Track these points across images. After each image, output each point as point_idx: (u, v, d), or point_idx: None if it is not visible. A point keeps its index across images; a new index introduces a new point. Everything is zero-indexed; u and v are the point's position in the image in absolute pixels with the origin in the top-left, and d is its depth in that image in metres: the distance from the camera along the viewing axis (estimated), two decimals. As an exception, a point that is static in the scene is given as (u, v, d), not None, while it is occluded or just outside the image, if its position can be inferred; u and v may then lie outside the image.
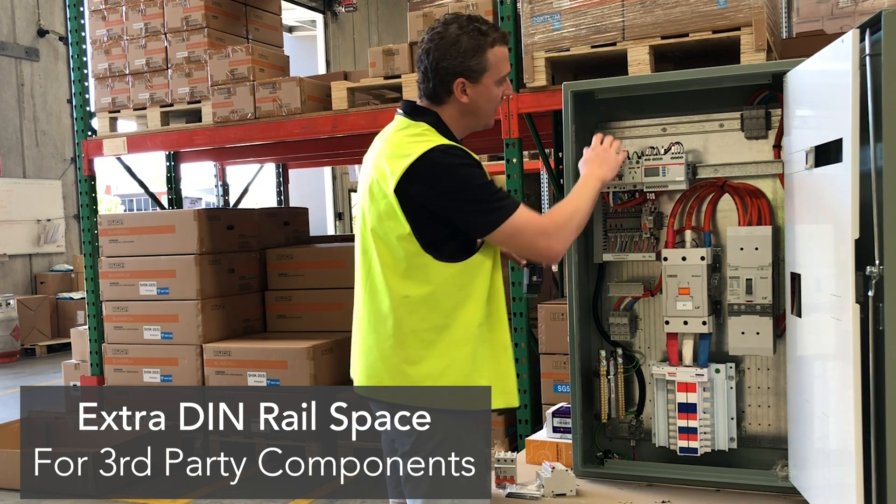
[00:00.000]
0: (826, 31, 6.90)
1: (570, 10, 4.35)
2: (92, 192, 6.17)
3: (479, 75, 2.24)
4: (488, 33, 2.25)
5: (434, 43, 2.24)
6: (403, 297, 2.20)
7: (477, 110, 2.29)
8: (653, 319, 2.76)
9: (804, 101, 2.31)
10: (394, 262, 2.20)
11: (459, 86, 2.24)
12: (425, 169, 2.14)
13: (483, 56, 2.23)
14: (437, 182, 2.14)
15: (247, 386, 5.49)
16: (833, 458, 2.10)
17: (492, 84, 2.26)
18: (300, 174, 11.58)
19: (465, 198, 2.14)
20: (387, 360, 2.24)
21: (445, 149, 2.17)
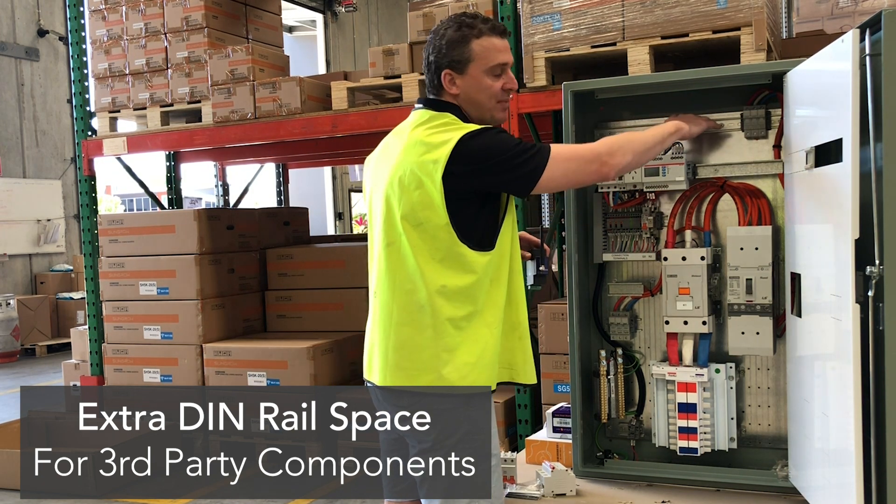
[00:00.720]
0: (826, 31, 6.90)
1: (570, 10, 4.35)
2: (92, 192, 6.17)
3: (465, 66, 2.26)
4: (474, 25, 2.27)
5: (431, 40, 2.31)
6: (441, 286, 2.20)
7: (473, 102, 2.29)
8: (653, 319, 2.76)
9: (804, 101, 2.31)
10: (430, 253, 2.21)
11: (447, 78, 2.28)
12: (465, 150, 2.16)
13: (466, 46, 2.26)
14: (478, 157, 2.16)
15: (247, 386, 5.49)
16: (833, 458, 2.10)
17: (480, 74, 2.26)
18: (300, 174, 11.58)
19: (506, 160, 2.16)
20: (426, 349, 2.23)
21: (477, 130, 2.21)
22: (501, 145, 2.18)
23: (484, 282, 2.22)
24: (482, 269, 2.21)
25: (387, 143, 2.38)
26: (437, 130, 2.23)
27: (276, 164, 8.36)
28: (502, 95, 2.31)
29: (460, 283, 2.20)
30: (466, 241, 2.19)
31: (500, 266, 2.25)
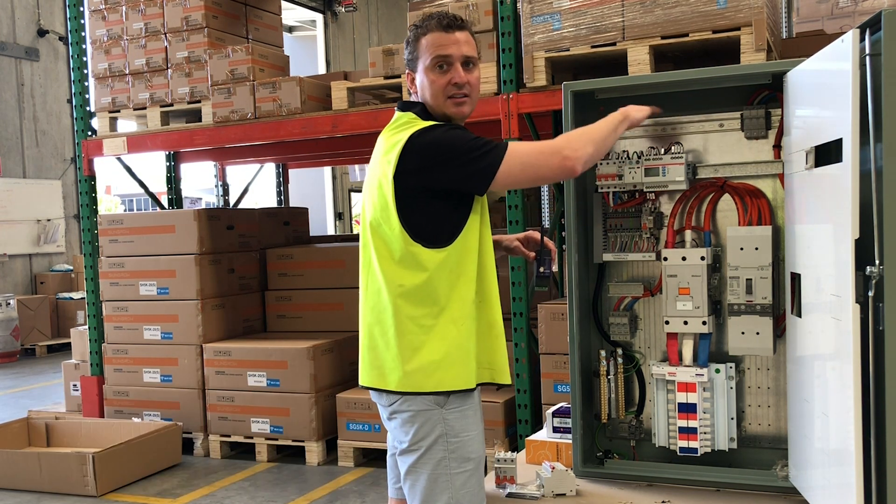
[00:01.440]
0: (826, 31, 6.90)
1: (570, 10, 4.35)
2: (92, 192, 6.17)
3: (415, 64, 2.33)
4: (425, 24, 2.31)
5: None
6: (399, 285, 2.23)
7: (425, 98, 2.33)
8: (653, 319, 2.76)
9: (804, 101, 2.31)
10: (388, 254, 2.25)
11: (409, 77, 2.37)
12: (416, 147, 2.19)
13: (416, 45, 2.32)
14: (430, 155, 2.18)
15: (247, 386, 5.49)
16: (833, 458, 2.10)
17: (426, 70, 2.29)
18: (300, 174, 11.58)
19: (457, 156, 2.16)
20: (390, 349, 2.25)
21: (427, 128, 2.23)
22: (453, 141, 2.19)
23: (440, 278, 2.22)
24: (436, 266, 2.21)
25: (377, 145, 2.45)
26: (395, 130, 2.29)
27: (276, 164, 8.35)
28: (451, 90, 2.28)
29: (415, 282, 2.22)
30: (418, 239, 2.21)
31: (461, 262, 2.24)
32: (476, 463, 2.26)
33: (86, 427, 5.61)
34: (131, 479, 5.08)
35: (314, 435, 5.33)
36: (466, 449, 2.24)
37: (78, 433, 5.59)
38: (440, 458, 2.21)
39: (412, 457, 2.25)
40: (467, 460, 2.23)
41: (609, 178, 2.66)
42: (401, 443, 2.28)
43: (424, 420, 2.22)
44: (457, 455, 2.22)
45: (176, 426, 5.45)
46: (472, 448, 2.25)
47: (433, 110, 2.32)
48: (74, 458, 4.87)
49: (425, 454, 2.23)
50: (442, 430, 2.21)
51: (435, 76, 2.28)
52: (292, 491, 4.84)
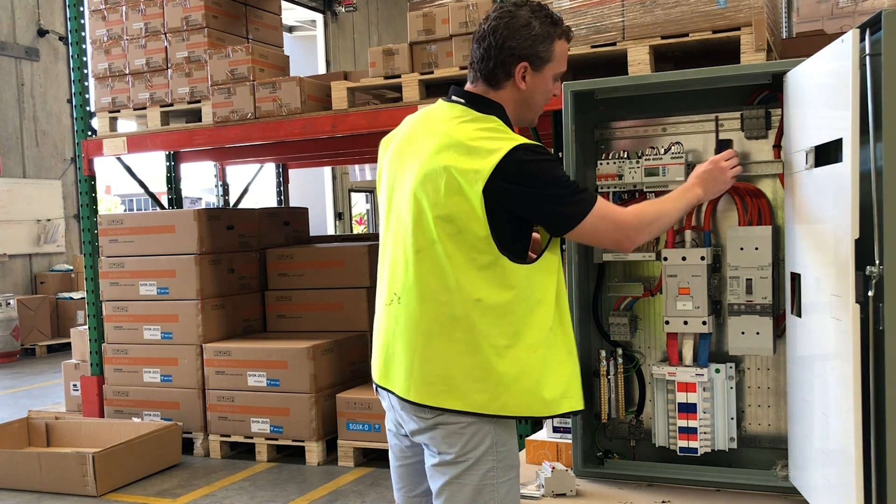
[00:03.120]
0: (826, 31, 6.90)
1: (570, 10, 4.35)
2: (92, 192, 6.17)
3: (543, 64, 2.15)
4: (559, 24, 2.17)
5: (503, 21, 2.12)
6: (476, 300, 2.06)
7: (530, 101, 2.19)
8: (653, 319, 2.76)
9: (804, 101, 2.31)
10: (468, 263, 2.07)
11: (521, 70, 2.13)
12: (513, 168, 2.02)
13: (551, 45, 2.14)
14: (525, 181, 2.02)
15: (247, 386, 5.49)
16: (833, 458, 2.10)
17: (550, 77, 2.17)
18: (300, 174, 11.58)
19: (551, 195, 2.04)
20: (455, 366, 2.09)
21: (529, 147, 2.06)
22: (555, 176, 2.06)
23: (524, 299, 2.08)
24: (522, 284, 2.08)
25: (415, 131, 2.22)
26: (483, 136, 2.08)
27: (276, 164, 8.35)
28: (550, 101, 2.26)
29: (498, 299, 2.07)
30: (507, 252, 2.06)
31: (544, 284, 2.12)
32: (517, 470, 2.17)
33: (86, 427, 5.61)
34: (131, 479, 5.08)
35: (314, 435, 5.32)
36: (512, 457, 2.15)
37: (78, 433, 5.59)
38: (489, 469, 2.10)
39: (457, 468, 2.10)
40: (512, 468, 2.14)
41: (609, 178, 2.66)
42: (442, 454, 2.12)
43: (475, 431, 2.09)
44: (504, 464, 2.12)
45: (176, 426, 5.45)
46: (515, 456, 2.17)
47: (521, 112, 2.20)
48: (74, 458, 4.87)
49: (474, 465, 2.09)
50: (492, 441, 2.10)
51: (553, 86, 2.21)
52: (292, 491, 4.84)
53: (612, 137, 2.77)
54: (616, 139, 2.77)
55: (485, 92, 2.17)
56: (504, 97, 2.16)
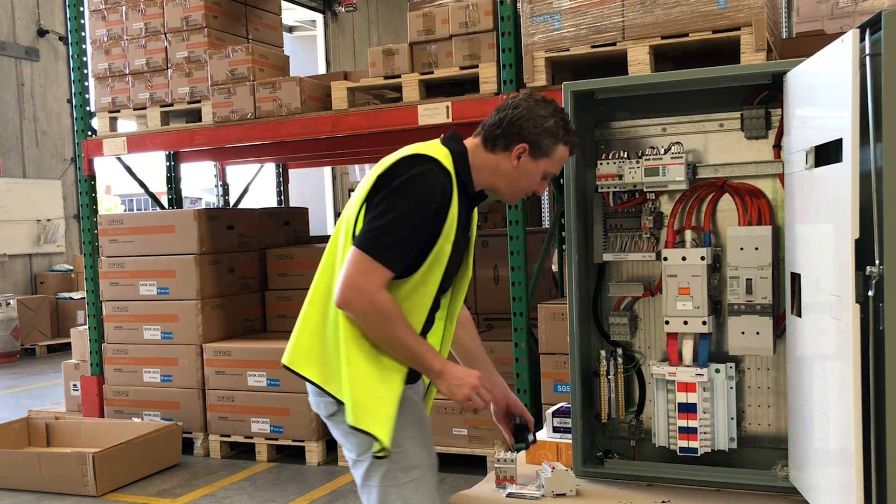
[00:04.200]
0: (826, 31, 6.90)
1: (570, 10, 4.35)
2: (92, 192, 6.17)
3: (541, 156, 2.29)
4: (571, 132, 2.32)
5: (528, 104, 2.29)
6: None
7: (513, 181, 2.32)
8: (653, 319, 2.76)
9: (804, 101, 2.31)
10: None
11: (519, 150, 2.28)
12: (401, 166, 2.18)
13: (555, 144, 2.29)
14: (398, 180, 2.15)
15: (247, 386, 5.49)
16: (833, 458, 2.10)
17: (541, 170, 2.31)
18: (300, 174, 11.57)
19: (384, 210, 2.13)
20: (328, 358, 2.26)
21: (431, 163, 2.19)
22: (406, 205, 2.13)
23: None
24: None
25: None
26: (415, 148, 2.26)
27: (276, 164, 8.35)
28: (529, 191, 2.37)
29: None
30: None
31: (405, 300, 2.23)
32: (422, 470, 2.27)
33: (86, 427, 5.61)
34: (131, 479, 5.08)
35: (314, 435, 5.32)
36: (410, 458, 2.25)
37: (78, 433, 5.59)
38: (386, 470, 2.23)
39: (361, 469, 2.28)
40: (413, 468, 2.25)
41: (609, 178, 2.66)
42: (349, 452, 2.31)
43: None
44: (402, 465, 2.23)
45: (176, 426, 5.45)
46: (416, 455, 2.26)
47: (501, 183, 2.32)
48: (74, 458, 4.87)
49: (372, 467, 2.24)
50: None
51: (538, 180, 2.33)
52: (292, 491, 4.84)
53: (612, 137, 2.77)
54: (616, 139, 2.77)
55: (475, 145, 2.32)
56: (489, 160, 2.30)
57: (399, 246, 2.15)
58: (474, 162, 2.30)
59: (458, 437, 5.01)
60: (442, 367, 2.23)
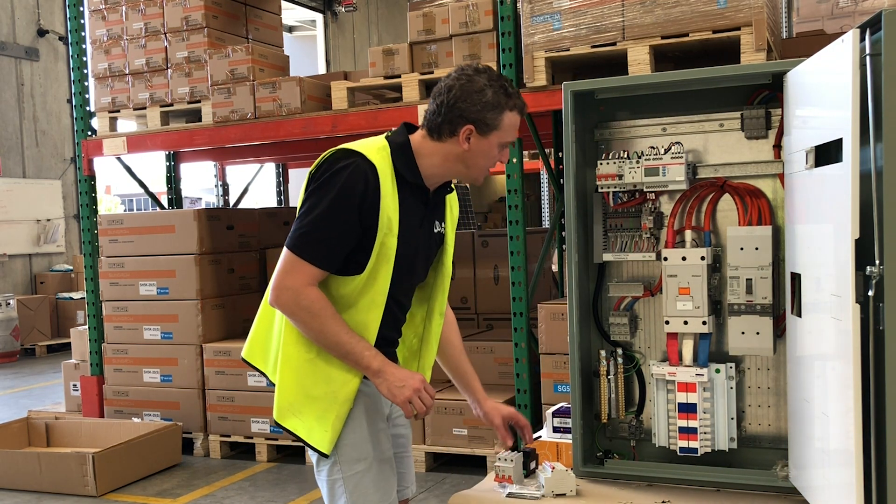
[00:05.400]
0: (826, 31, 6.90)
1: (570, 9, 4.35)
2: (92, 192, 6.17)
3: (489, 131, 2.23)
4: (512, 96, 2.24)
5: (459, 83, 2.22)
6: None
7: (470, 162, 2.27)
8: (653, 319, 2.75)
9: (804, 101, 2.31)
10: None
11: (466, 132, 2.22)
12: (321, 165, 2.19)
13: (500, 115, 2.22)
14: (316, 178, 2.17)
15: (247, 386, 5.49)
16: (833, 458, 2.10)
17: (495, 144, 2.25)
18: (300, 174, 11.57)
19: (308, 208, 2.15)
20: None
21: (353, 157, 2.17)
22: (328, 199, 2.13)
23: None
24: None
25: None
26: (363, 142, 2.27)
27: (276, 164, 8.35)
28: (493, 166, 2.32)
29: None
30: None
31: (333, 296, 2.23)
32: (368, 463, 2.25)
33: (86, 427, 5.61)
34: (131, 479, 5.08)
35: (314, 435, 5.32)
36: (357, 450, 2.25)
37: (78, 433, 5.59)
38: (332, 464, 2.24)
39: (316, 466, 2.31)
40: (358, 461, 2.25)
41: (609, 178, 2.66)
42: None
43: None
44: (347, 458, 2.24)
45: (176, 426, 5.45)
46: (360, 449, 2.25)
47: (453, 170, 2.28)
48: (74, 458, 4.86)
49: (319, 461, 2.27)
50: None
51: (497, 153, 2.27)
52: (292, 491, 4.83)
53: (612, 137, 2.77)
54: (616, 139, 2.77)
55: (422, 136, 2.28)
56: (438, 148, 2.25)
57: (323, 241, 2.14)
58: (421, 152, 2.26)
59: (458, 437, 5.00)
60: (381, 367, 2.19)
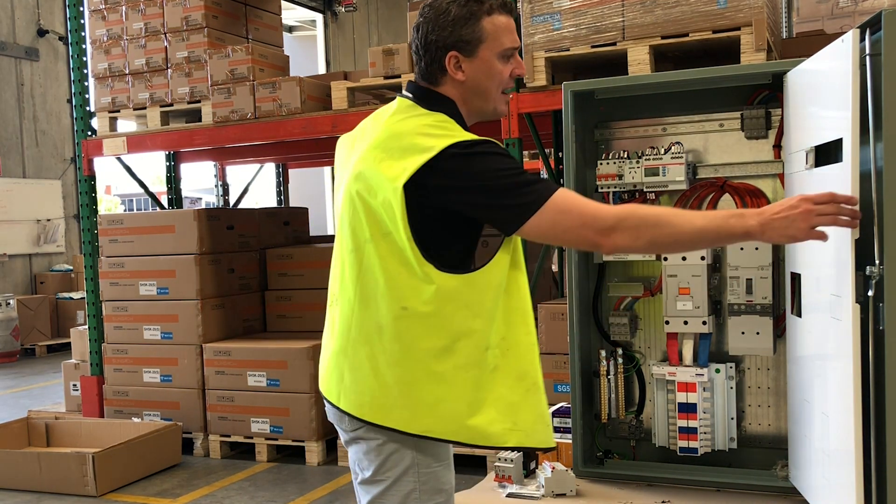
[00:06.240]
0: (826, 31, 6.90)
1: (570, 9, 4.35)
2: (92, 192, 6.17)
3: (475, 47, 1.94)
4: (486, 2, 1.96)
5: (424, 16, 1.97)
6: (402, 308, 1.90)
7: (479, 90, 1.98)
8: (653, 319, 2.76)
9: (804, 101, 2.31)
10: (399, 267, 1.90)
11: (452, 60, 1.95)
12: (445, 164, 1.84)
13: (477, 24, 1.94)
14: (459, 175, 1.84)
15: (247, 386, 5.49)
16: (833, 458, 2.10)
17: (492, 57, 1.96)
18: (300, 174, 11.57)
19: (493, 186, 1.83)
20: (379, 376, 1.93)
21: (469, 142, 1.86)
22: (498, 167, 1.83)
23: (453, 313, 1.89)
24: (450, 297, 1.88)
25: (363, 129, 2.09)
26: (421, 132, 1.91)
27: (276, 164, 8.35)
28: (509, 83, 2.00)
29: (424, 310, 1.88)
30: (432, 259, 1.87)
31: (482, 298, 1.91)
32: (447, 495, 1.99)
33: (86, 427, 5.61)
34: (131, 479, 5.08)
35: (314, 435, 5.32)
36: (439, 480, 1.96)
37: (78, 433, 5.59)
38: (409, 490, 1.93)
39: (377, 488, 1.96)
40: (439, 492, 1.96)
41: (609, 177, 2.66)
42: (363, 470, 2.00)
43: (394, 449, 1.94)
44: (428, 487, 1.95)
45: (176, 426, 5.45)
46: (444, 478, 1.98)
47: (477, 103, 2.00)
48: (74, 458, 4.86)
49: (393, 486, 1.94)
50: (412, 461, 1.94)
51: (502, 66, 1.96)
52: (292, 491, 4.83)
53: (612, 137, 2.78)
54: (616, 139, 2.77)
55: (428, 86, 2.02)
56: (448, 92, 1.99)
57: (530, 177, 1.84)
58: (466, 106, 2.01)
59: (458, 437, 5.00)
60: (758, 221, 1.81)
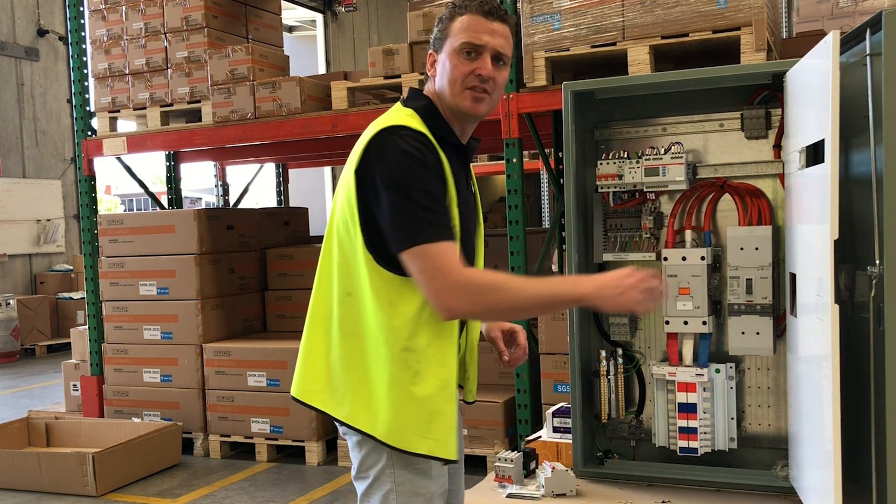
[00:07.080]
0: (826, 31, 6.89)
1: (570, 9, 4.35)
2: (92, 192, 6.17)
3: (442, 44, 1.99)
4: (464, 3, 1.98)
5: None
6: (347, 293, 1.95)
7: (441, 84, 1.99)
8: (653, 319, 2.76)
9: (799, 101, 2.31)
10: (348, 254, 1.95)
11: (430, 58, 2.03)
12: (374, 149, 1.89)
13: (448, 24, 1.99)
14: (380, 167, 1.87)
15: (247, 386, 5.49)
16: (822, 460, 2.10)
17: (451, 52, 1.96)
18: (300, 174, 11.57)
19: (396, 196, 1.83)
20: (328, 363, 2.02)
21: (402, 131, 1.89)
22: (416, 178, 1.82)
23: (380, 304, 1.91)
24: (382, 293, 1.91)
25: None
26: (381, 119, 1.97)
27: (276, 164, 8.35)
28: (472, 81, 1.95)
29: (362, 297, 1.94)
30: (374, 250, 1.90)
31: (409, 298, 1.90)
32: (425, 498, 1.97)
33: (86, 427, 5.61)
34: (131, 479, 5.08)
35: (314, 435, 5.32)
36: (415, 484, 1.96)
37: (78, 433, 5.59)
38: (387, 491, 1.95)
39: (362, 484, 2.01)
40: (416, 495, 1.96)
41: (609, 178, 2.66)
42: (353, 466, 2.04)
43: (371, 448, 1.96)
44: (404, 489, 1.95)
45: (176, 426, 5.45)
46: (421, 483, 1.96)
47: (445, 103, 1.99)
48: (74, 458, 4.86)
49: (374, 484, 1.97)
50: (388, 462, 1.96)
51: (459, 61, 1.95)
52: (292, 491, 4.84)
53: (612, 137, 2.78)
54: (616, 139, 2.77)
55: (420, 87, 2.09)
56: (428, 89, 2.05)
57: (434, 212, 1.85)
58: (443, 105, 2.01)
59: (458, 437, 5.00)
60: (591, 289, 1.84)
